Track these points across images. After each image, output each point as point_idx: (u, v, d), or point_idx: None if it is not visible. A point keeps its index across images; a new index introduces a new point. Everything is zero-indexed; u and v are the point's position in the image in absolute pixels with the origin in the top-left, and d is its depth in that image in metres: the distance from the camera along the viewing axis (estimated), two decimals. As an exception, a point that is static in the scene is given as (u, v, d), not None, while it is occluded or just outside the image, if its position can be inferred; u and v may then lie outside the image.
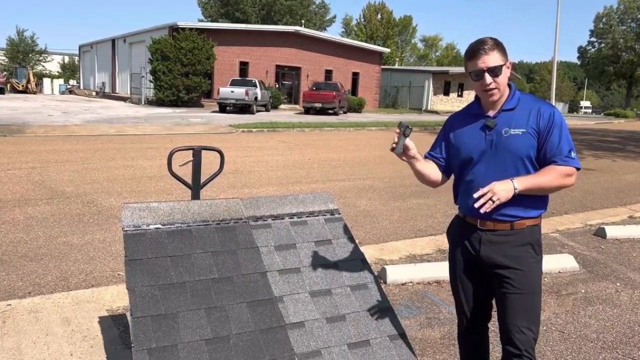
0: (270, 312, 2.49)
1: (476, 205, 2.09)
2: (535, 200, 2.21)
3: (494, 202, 2.07)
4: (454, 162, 2.39)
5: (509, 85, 2.26)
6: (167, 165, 3.15)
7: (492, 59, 2.15)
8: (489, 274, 2.30)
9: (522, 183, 2.11)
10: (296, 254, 2.76)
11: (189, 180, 3.29)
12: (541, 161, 2.18)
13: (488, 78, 2.16)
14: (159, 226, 2.59)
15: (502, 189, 2.08)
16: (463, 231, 2.37)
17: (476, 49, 2.18)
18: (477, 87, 2.24)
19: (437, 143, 2.49)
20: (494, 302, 2.41)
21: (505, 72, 2.20)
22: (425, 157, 2.48)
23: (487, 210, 2.08)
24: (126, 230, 2.53)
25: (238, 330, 2.37)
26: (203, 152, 3.32)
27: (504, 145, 2.19)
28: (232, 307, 2.44)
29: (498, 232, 2.23)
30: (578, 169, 2.18)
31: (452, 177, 2.48)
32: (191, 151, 3.22)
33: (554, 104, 31.86)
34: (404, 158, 2.32)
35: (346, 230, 3.01)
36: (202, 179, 3.34)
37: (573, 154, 2.16)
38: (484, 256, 2.27)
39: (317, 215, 3.01)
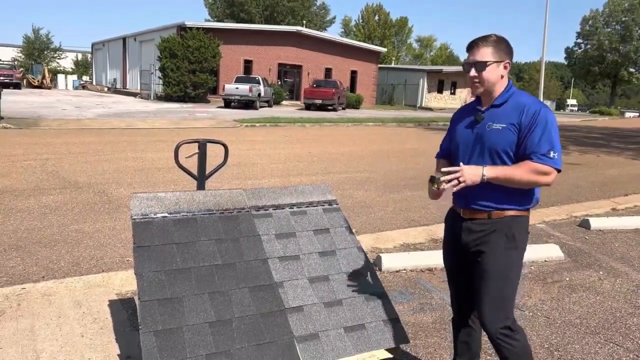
0: (270, 297, 2.48)
1: (442, 179, 2.09)
2: (511, 192, 2.16)
3: (459, 182, 2.07)
4: (450, 151, 2.43)
5: (508, 82, 2.24)
6: (174, 157, 3.14)
7: (481, 54, 2.17)
8: (469, 262, 2.31)
9: (492, 171, 2.10)
10: (296, 242, 2.75)
11: (195, 172, 3.28)
12: (520, 157, 2.13)
13: (472, 71, 2.20)
14: (166, 215, 2.58)
15: (470, 172, 2.08)
16: (452, 220, 2.41)
17: (472, 43, 2.21)
18: (468, 78, 2.26)
19: (445, 137, 2.52)
20: None
21: (495, 70, 2.18)
22: (437, 157, 2.53)
23: (453, 190, 2.09)
24: (135, 219, 2.52)
25: (240, 314, 2.36)
26: (209, 145, 3.31)
27: (485, 138, 2.20)
28: (235, 292, 2.43)
29: (476, 221, 2.25)
30: (557, 169, 2.09)
31: None
32: (197, 144, 3.21)
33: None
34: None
35: (343, 219, 3.00)
36: (208, 171, 3.33)
37: (552, 154, 2.08)
38: (463, 243, 2.29)
39: (316, 206, 3.00)
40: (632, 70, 62.68)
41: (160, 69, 28.17)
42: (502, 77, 2.21)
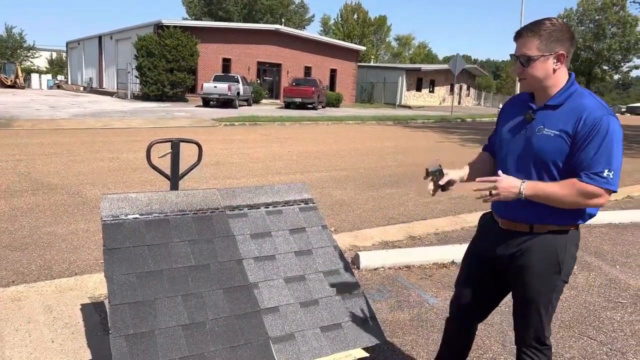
0: (245, 297, 2.44)
1: (473, 189, 1.91)
2: (561, 209, 1.89)
3: (492, 195, 1.86)
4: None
5: (569, 75, 1.95)
6: (147, 157, 3.08)
7: (526, 46, 1.89)
8: (503, 273, 2.12)
9: (531, 188, 1.85)
10: (271, 242, 2.72)
11: (170, 172, 3.22)
12: (569, 171, 1.85)
13: (517, 66, 1.94)
14: (137, 216, 2.52)
15: (506, 186, 1.85)
16: (488, 227, 2.18)
17: (519, 31, 1.92)
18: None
19: (494, 131, 2.25)
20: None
21: (542, 64, 1.87)
22: (484, 149, 2.31)
23: (484, 201, 1.88)
24: (105, 220, 2.46)
25: (214, 316, 2.32)
26: (185, 145, 3.25)
27: (533, 143, 1.92)
28: (209, 293, 2.39)
29: (516, 234, 2.02)
30: (610, 191, 1.81)
31: None
32: (170, 143, 3.15)
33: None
34: (451, 188, 2.13)
35: (320, 218, 2.97)
36: (182, 171, 3.27)
37: (607, 173, 1.77)
38: (499, 255, 2.08)
39: (292, 205, 2.97)
40: (605, 67, 64.06)
41: (137, 68, 27.79)
42: (554, 71, 1.89)
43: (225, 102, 25.48)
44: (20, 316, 3.11)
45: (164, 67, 27.17)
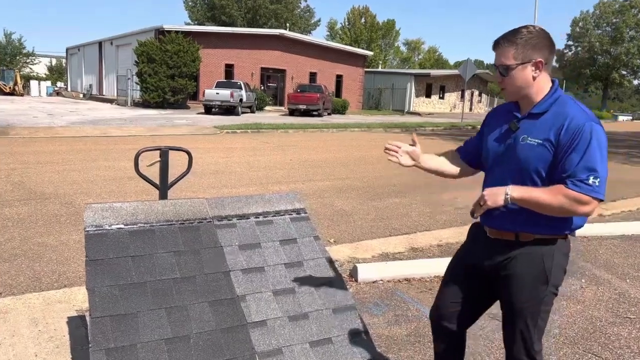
0: (232, 311, 2.45)
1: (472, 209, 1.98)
2: (547, 218, 1.92)
3: (481, 205, 1.91)
4: (477, 154, 2.24)
5: (552, 82, 1.98)
6: (134, 165, 3.11)
7: (502, 55, 1.94)
8: (493, 283, 2.13)
9: (517, 191, 1.88)
10: (260, 254, 2.73)
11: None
12: (555, 180, 1.88)
13: (497, 75, 2.00)
14: (122, 226, 2.55)
15: (492, 193, 1.90)
16: (476, 236, 2.22)
17: (496, 40, 1.98)
18: None
19: (475, 137, 2.30)
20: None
21: (521, 73, 1.92)
22: (456, 151, 2.36)
23: (476, 215, 1.94)
24: (88, 231, 2.48)
25: (198, 330, 2.33)
26: (180, 153, 3.27)
27: (517, 152, 1.96)
28: (194, 306, 2.40)
29: (502, 243, 2.05)
30: (598, 200, 1.82)
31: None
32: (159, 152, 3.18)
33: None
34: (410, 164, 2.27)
35: (312, 229, 2.98)
36: (173, 180, 3.30)
37: (592, 180, 1.79)
38: (486, 265, 2.11)
39: (283, 215, 2.98)
40: (623, 72, 63.84)
41: (138, 74, 28.06)
42: (534, 78, 1.93)
43: (228, 109, 25.63)
44: (5, 329, 3.14)
45: (165, 73, 27.40)
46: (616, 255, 5.31)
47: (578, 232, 5.92)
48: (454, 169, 2.31)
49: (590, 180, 1.80)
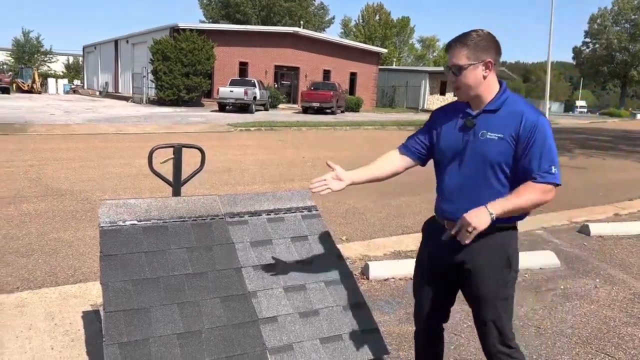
0: (243, 307, 2.48)
1: (457, 237, 1.97)
2: None
3: (470, 232, 1.92)
4: (426, 151, 2.31)
5: (499, 84, 2.11)
6: (148, 162, 3.15)
7: (455, 56, 2.05)
8: (457, 276, 2.23)
9: (498, 207, 1.94)
10: (272, 250, 2.76)
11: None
12: (519, 172, 2.02)
13: (450, 75, 2.10)
14: (135, 222, 2.59)
15: (476, 218, 1.91)
16: (434, 231, 2.28)
17: (449, 43, 2.09)
18: None
19: (419, 132, 2.35)
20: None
21: (472, 72, 2.03)
22: (399, 150, 2.40)
23: (468, 242, 1.94)
24: (102, 227, 2.53)
25: (210, 325, 2.36)
26: (193, 151, 3.31)
27: (478, 148, 2.07)
28: (205, 302, 2.43)
29: None
30: (558, 184, 2.00)
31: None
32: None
33: (548, 103, 31.77)
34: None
35: (323, 226, 3.00)
36: (187, 177, 3.33)
37: (554, 169, 1.98)
38: (450, 259, 2.19)
39: (295, 212, 3.00)
40: (642, 70, 62.74)
41: (153, 72, 28.29)
42: (484, 77, 2.04)
43: (242, 107, 25.73)
44: (21, 322, 3.20)
45: (179, 71, 27.59)
46: (632, 255, 5.25)
47: (593, 232, 5.89)
48: (392, 170, 2.40)
49: (553, 170, 1.98)
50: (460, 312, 3.55)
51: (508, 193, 2.03)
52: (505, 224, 2.09)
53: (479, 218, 1.92)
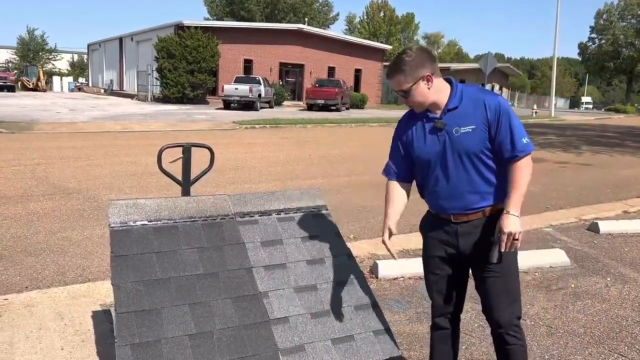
0: (254, 307, 2.47)
1: (504, 250, 2.16)
2: (501, 186, 2.23)
3: (517, 239, 2.12)
4: (413, 166, 2.40)
5: (449, 82, 2.26)
6: (157, 161, 3.14)
7: (397, 84, 2.22)
8: (468, 264, 2.35)
9: (514, 206, 2.14)
10: (282, 250, 2.74)
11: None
12: (497, 151, 2.18)
13: (400, 98, 2.30)
14: (146, 222, 2.57)
15: (512, 226, 2.12)
16: (438, 226, 2.39)
17: (387, 72, 2.31)
18: None
19: (393, 157, 2.47)
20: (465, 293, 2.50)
21: (417, 90, 2.18)
22: (388, 175, 2.51)
23: (512, 248, 2.16)
24: (112, 227, 2.51)
25: (222, 326, 2.35)
26: (201, 149, 3.30)
27: (458, 144, 2.20)
28: (217, 302, 2.42)
29: (471, 223, 2.26)
30: (531, 152, 2.21)
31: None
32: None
33: (554, 99, 31.47)
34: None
35: (333, 226, 2.98)
36: (196, 176, 3.32)
37: (525, 140, 2.17)
38: (462, 248, 2.29)
39: (305, 211, 2.98)
40: (649, 65, 62.29)
41: (158, 70, 28.33)
42: (429, 89, 2.19)
43: (247, 104, 25.73)
44: (31, 322, 3.20)
45: (184, 69, 27.61)
46: (642, 253, 5.20)
47: (603, 229, 5.84)
48: (405, 196, 2.53)
49: (525, 141, 2.16)
50: (471, 312, 3.53)
51: (499, 172, 2.21)
52: (499, 205, 2.22)
53: (514, 225, 2.12)
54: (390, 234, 2.52)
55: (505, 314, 2.26)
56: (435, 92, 2.21)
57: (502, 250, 2.16)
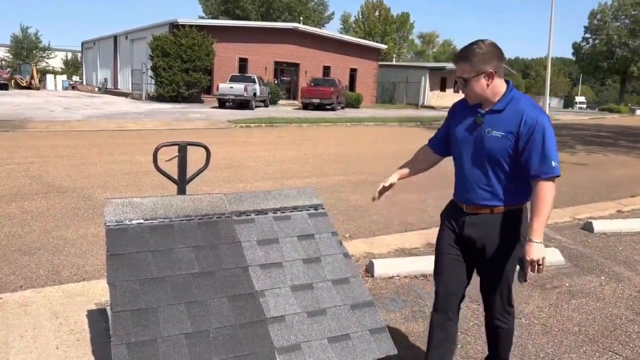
0: (251, 306, 2.46)
1: (530, 275, 2.38)
2: (514, 192, 2.38)
3: (540, 264, 2.24)
4: (448, 144, 2.60)
5: (507, 83, 2.36)
6: (153, 160, 3.13)
7: (461, 70, 2.33)
8: (470, 252, 2.50)
9: (537, 233, 2.24)
10: (278, 249, 2.74)
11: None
12: (521, 164, 2.29)
13: (459, 85, 2.40)
14: (141, 221, 2.56)
15: (536, 253, 2.23)
16: (452, 213, 2.56)
17: (455, 55, 2.38)
18: None
19: (442, 126, 2.67)
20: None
21: (477, 82, 2.30)
22: (428, 141, 2.74)
23: (543, 271, 2.30)
24: (108, 226, 2.50)
25: (218, 325, 2.34)
26: (197, 148, 3.29)
27: (484, 143, 2.34)
28: (213, 301, 2.41)
29: (480, 216, 2.42)
30: (558, 175, 2.28)
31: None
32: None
33: (547, 99, 31.78)
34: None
35: (329, 225, 2.98)
36: (192, 175, 3.31)
37: (554, 164, 2.24)
38: (466, 236, 2.47)
39: (301, 210, 2.98)
40: (642, 65, 62.59)
41: (152, 68, 28.21)
42: (488, 85, 2.30)
43: (242, 103, 25.68)
44: (26, 322, 3.18)
45: (179, 67, 27.53)
46: (636, 252, 5.23)
47: (597, 228, 5.88)
48: (427, 164, 2.74)
49: (553, 164, 2.24)
50: (467, 310, 3.55)
51: (515, 180, 2.33)
52: (514, 205, 2.40)
53: (537, 252, 2.23)
54: (391, 185, 2.77)
55: (499, 304, 2.51)
56: (492, 90, 2.31)
57: (528, 274, 2.32)
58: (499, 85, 2.33)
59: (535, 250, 2.23)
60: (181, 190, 3.19)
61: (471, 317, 3.49)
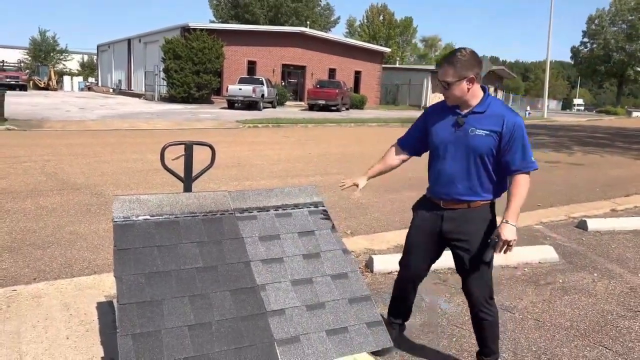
0: (252, 300, 2.47)
1: (497, 254, 2.45)
2: (489, 188, 2.53)
3: (511, 245, 2.39)
4: (421, 145, 2.73)
5: (482, 89, 2.48)
6: (160, 159, 3.13)
7: (444, 74, 2.44)
8: (448, 245, 2.62)
9: (512, 216, 2.39)
10: (279, 245, 2.74)
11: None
12: (502, 161, 2.44)
13: (441, 88, 2.51)
14: (148, 217, 2.58)
15: (509, 234, 2.37)
16: (428, 207, 2.67)
17: (440, 60, 2.56)
18: None
19: (414, 127, 2.77)
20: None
21: (458, 87, 2.41)
22: (398, 140, 2.86)
23: (511, 251, 2.44)
24: (116, 221, 2.52)
25: (220, 317, 2.35)
26: (204, 148, 3.29)
27: (468, 142, 2.46)
28: (216, 295, 2.43)
29: (457, 211, 2.55)
30: (536, 168, 2.46)
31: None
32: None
33: (546, 101, 31.57)
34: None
35: (329, 221, 2.99)
36: (197, 173, 3.31)
37: (533, 158, 2.44)
38: (445, 230, 2.58)
39: (302, 208, 2.99)
40: (638, 69, 62.18)
41: (165, 70, 28.28)
42: (468, 90, 2.42)
43: (250, 104, 25.69)
44: (38, 313, 3.20)
45: (190, 70, 27.58)
46: (628, 250, 5.20)
47: (591, 227, 5.84)
48: (395, 163, 2.86)
49: (532, 159, 2.43)
50: (462, 305, 3.54)
51: (491, 176, 2.48)
52: (488, 200, 2.54)
53: (510, 233, 2.38)
54: (356, 185, 3.01)
55: (479, 296, 2.58)
56: (471, 94, 2.45)
57: (496, 252, 2.43)
58: (478, 90, 2.46)
59: (509, 231, 2.38)
60: (187, 188, 3.20)
61: (465, 311, 3.47)
